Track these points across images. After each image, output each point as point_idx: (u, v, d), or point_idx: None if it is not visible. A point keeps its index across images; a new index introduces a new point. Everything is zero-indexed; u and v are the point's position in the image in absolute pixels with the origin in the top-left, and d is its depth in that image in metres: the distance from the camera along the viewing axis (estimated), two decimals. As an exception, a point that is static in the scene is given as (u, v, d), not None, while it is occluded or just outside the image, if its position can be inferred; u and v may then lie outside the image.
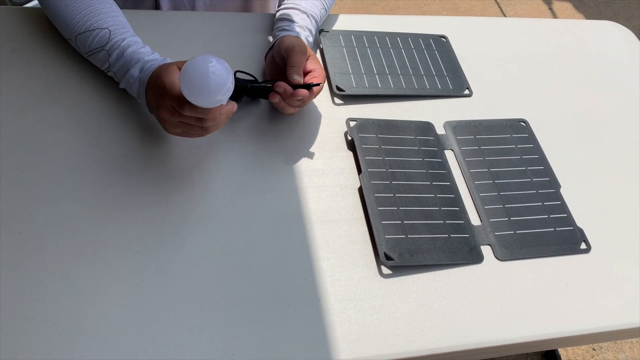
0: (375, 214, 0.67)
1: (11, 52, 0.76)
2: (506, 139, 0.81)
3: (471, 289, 0.63)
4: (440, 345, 0.58)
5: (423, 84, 0.86)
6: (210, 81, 0.56)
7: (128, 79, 0.69)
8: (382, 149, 0.75)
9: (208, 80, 0.55)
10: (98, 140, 0.69)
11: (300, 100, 0.70)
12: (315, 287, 0.61)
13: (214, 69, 0.56)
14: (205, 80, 0.56)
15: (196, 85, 0.56)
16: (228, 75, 0.58)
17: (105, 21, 0.71)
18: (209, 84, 0.56)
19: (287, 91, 0.69)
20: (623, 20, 2.49)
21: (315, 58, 0.76)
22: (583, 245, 0.70)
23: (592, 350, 1.41)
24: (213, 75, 0.56)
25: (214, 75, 0.56)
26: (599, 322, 0.63)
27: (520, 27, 1.04)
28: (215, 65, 0.56)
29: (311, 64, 0.75)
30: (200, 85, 0.56)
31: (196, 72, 0.56)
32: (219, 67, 0.56)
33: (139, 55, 0.69)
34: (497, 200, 0.73)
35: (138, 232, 0.61)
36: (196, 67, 0.56)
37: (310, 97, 0.72)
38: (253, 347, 0.55)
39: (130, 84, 0.69)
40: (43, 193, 0.63)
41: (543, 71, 0.95)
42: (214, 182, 0.68)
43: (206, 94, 0.56)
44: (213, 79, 0.56)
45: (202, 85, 0.56)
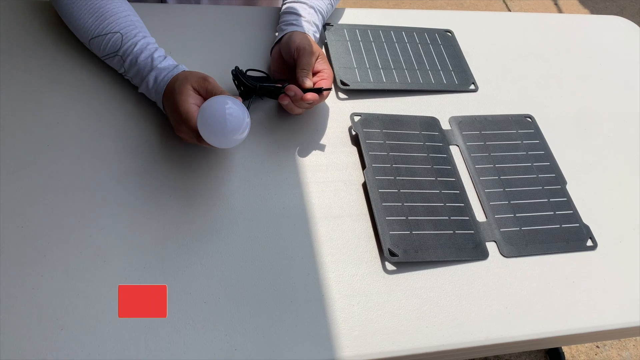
0: (380, 210, 0.66)
1: (18, 45, 0.76)
2: (512, 135, 0.80)
3: (476, 286, 0.63)
4: (444, 342, 0.58)
5: (428, 78, 0.85)
6: (227, 123, 0.56)
7: (144, 87, 0.69)
8: (387, 144, 0.74)
9: (225, 123, 0.56)
10: (100, 134, 0.69)
11: (310, 104, 0.70)
12: (318, 283, 0.60)
13: (230, 111, 0.56)
14: (222, 123, 0.56)
15: (213, 129, 0.57)
16: (244, 116, 0.58)
17: (117, 24, 0.70)
18: (226, 125, 0.56)
19: (297, 95, 0.68)
20: (629, 15, 2.48)
21: (324, 57, 0.75)
22: (589, 242, 0.70)
23: (595, 347, 1.41)
24: (230, 117, 0.56)
25: (231, 117, 0.56)
26: (604, 320, 0.63)
27: (526, 22, 1.03)
28: (231, 107, 0.56)
29: (320, 64, 0.74)
30: (217, 128, 0.56)
31: (213, 115, 0.56)
32: (235, 109, 0.57)
33: (152, 62, 0.69)
34: (503, 196, 0.72)
35: (140, 227, 0.61)
36: (213, 110, 0.56)
37: (319, 100, 0.71)
38: (256, 342, 0.55)
39: (147, 91, 0.70)
40: (45, 187, 0.63)
41: (549, 66, 0.94)
42: (218, 177, 0.67)
43: (223, 136, 0.57)
44: (230, 120, 0.56)
45: (219, 128, 0.56)
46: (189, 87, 0.64)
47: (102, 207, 0.62)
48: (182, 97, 0.63)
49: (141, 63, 0.69)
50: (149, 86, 0.69)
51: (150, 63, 0.69)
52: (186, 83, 0.64)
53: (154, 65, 0.69)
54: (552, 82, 0.91)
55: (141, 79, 0.69)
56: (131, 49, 0.69)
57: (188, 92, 0.63)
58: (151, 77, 0.68)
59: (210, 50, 0.80)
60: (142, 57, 0.69)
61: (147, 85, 0.69)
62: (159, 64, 0.69)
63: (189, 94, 0.63)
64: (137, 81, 0.71)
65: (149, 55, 0.69)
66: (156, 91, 0.68)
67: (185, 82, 0.64)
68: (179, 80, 0.65)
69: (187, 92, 0.63)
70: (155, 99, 0.70)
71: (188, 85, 0.64)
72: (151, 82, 0.68)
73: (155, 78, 0.68)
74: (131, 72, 0.70)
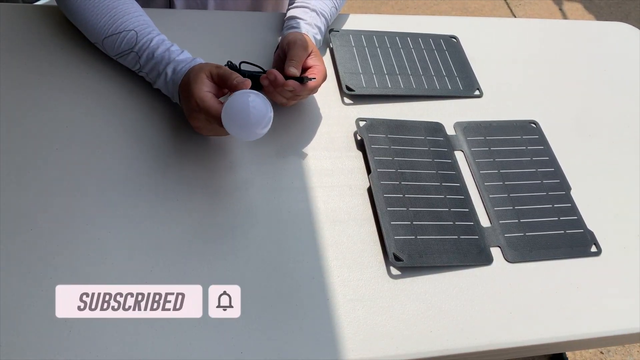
0: (385, 215, 0.67)
1: (21, 50, 0.77)
2: (516, 140, 0.80)
3: (480, 291, 0.63)
4: (448, 346, 0.58)
5: (433, 84, 0.86)
6: (250, 116, 0.58)
7: (162, 80, 0.70)
8: (392, 149, 0.74)
9: (249, 115, 0.58)
10: (108, 137, 0.69)
11: (291, 92, 0.70)
12: (323, 287, 0.61)
13: (253, 104, 0.58)
14: (246, 115, 0.58)
15: (237, 121, 0.59)
16: (267, 109, 0.60)
17: (130, 22, 0.71)
18: (249, 118, 0.58)
19: (278, 80, 0.68)
20: (634, 21, 2.47)
21: (318, 55, 0.75)
22: (593, 248, 0.70)
23: (600, 353, 1.40)
24: (253, 110, 0.58)
25: (254, 110, 0.58)
26: (609, 325, 0.63)
27: (531, 28, 1.04)
28: (254, 99, 0.59)
29: (312, 60, 0.74)
30: (241, 120, 0.59)
31: (237, 108, 0.58)
32: (259, 102, 0.59)
33: (170, 55, 0.70)
34: (507, 201, 0.72)
35: (147, 230, 0.62)
36: (236, 103, 0.58)
37: (304, 92, 0.71)
38: (261, 346, 0.55)
39: (164, 84, 0.71)
40: (54, 189, 0.63)
41: (554, 72, 0.94)
42: (224, 181, 0.68)
43: (247, 128, 0.59)
44: (253, 113, 0.58)
45: (243, 120, 0.59)
46: (202, 76, 0.65)
47: (110, 210, 0.63)
48: (197, 85, 0.64)
49: (158, 57, 0.70)
50: (166, 78, 0.70)
51: (168, 56, 0.70)
52: (200, 72, 0.66)
53: (172, 58, 0.70)
54: (557, 87, 0.91)
55: (158, 73, 0.70)
56: (147, 44, 0.71)
57: (202, 80, 0.65)
58: (169, 69, 0.69)
59: (217, 54, 0.80)
60: (159, 51, 0.70)
61: (165, 77, 0.70)
62: (176, 57, 0.70)
63: (203, 82, 0.65)
64: (153, 76, 0.71)
65: (166, 49, 0.71)
66: (173, 83, 0.69)
67: (200, 71, 0.66)
68: (194, 70, 0.67)
69: (201, 80, 0.65)
70: (171, 92, 0.70)
71: (202, 74, 0.66)
72: (169, 73, 0.69)
73: (174, 69, 0.69)
74: (147, 67, 0.71)
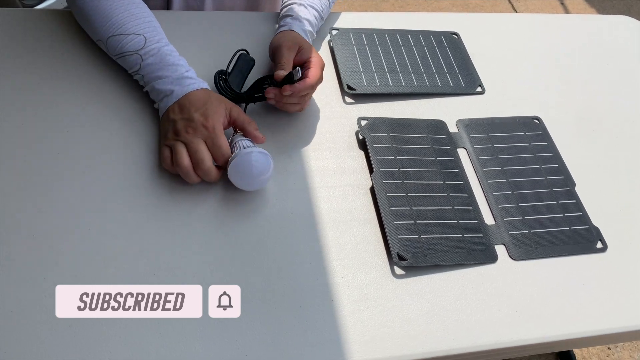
0: (388, 214, 0.66)
1: (21, 55, 0.77)
2: (519, 137, 0.80)
3: (485, 289, 0.63)
4: (454, 346, 0.58)
5: (435, 81, 0.85)
6: (253, 169, 0.63)
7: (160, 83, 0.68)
8: (394, 148, 0.74)
9: (251, 170, 0.63)
10: (110, 142, 0.69)
11: (293, 95, 0.70)
12: (327, 288, 0.60)
13: (256, 159, 0.64)
14: (249, 171, 0.64)
15: (242, 175, 0.64)
16: (268, 164, 0.65)
17: (141, 27, 0.70)
18: (252, 172, 0.63)
19: (278, 95, 0.71)
20: (636, 14, 2.46)
21: (310, 47, 0.75)
22: (599, 244, 0.69)
23: (607, 349, 1.39)
24: (256, 163, 0.63)
25: (257, 163, 0.63)
26: (616, 322, 0.62)
27: (533, 23, 1.03)
28: (256, 155, 0.64)
29: (305, 53, 0.74)
30: (245, 174, 0.64)
31: (242, 170, 0.64)
32: (261, 157, 0.64)
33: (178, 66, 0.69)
34: (511, 199, 0.72)
35: (147, 230, 0.61)
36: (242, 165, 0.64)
37: (305, 88, 0.70)
38: (265, 347, 0.55)
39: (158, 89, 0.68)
40: (56, 195, 0.63)
41: (556, 67, 0.93)
42: (225, 181, 0.67)
43: (250, 180, 0.64)
44: (256, 166, 0.63)
45: (248, 178, 0.64)
46: (223, 107, 0.66)
47: (111, 209, 0.62)
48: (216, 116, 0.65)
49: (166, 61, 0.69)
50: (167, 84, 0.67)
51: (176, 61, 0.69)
52: (222, 102, 0.67)
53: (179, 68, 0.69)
54: (559, 83, 0.91)
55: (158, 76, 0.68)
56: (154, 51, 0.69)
57: (221, 112, 0.66)
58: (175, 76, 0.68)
59: (215, 55, 0.80)
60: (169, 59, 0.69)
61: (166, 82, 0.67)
62: (185, 72, 0.69)
63: (222, 113, 0.66)
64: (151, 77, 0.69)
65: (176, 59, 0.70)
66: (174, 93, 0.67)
67: (222, 102, 0.67)
68: (214, 97, 0.67)
69: (220, 112, 0.66)
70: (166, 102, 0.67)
71: (223, 105, 0.67)
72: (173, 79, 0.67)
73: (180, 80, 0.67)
74: (148, 68, 0.69)
